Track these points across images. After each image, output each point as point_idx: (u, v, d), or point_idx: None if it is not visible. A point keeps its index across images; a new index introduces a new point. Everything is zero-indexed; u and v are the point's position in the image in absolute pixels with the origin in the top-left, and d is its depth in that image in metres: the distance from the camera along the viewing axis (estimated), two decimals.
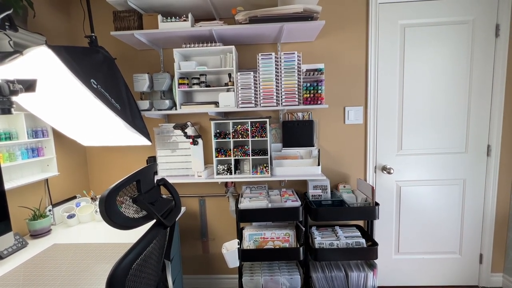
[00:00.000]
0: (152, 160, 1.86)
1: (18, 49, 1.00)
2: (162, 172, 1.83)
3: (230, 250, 1.71)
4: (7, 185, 1.33)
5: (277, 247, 1.70)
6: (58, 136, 1.66)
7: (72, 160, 1.86)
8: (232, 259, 1.70)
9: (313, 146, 1.87)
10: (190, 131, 1.74)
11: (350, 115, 1.91)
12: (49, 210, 1.60)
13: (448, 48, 1.83)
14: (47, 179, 1.64)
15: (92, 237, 1.45)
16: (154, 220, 0.90)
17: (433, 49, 1.83)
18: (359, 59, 1.87)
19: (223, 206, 2.04)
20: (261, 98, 1.63)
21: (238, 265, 1.71)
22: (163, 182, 1.04)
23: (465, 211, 1.98)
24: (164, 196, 1.04)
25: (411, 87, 1.88)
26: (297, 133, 1.86)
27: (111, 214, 0.75)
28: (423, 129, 1.91)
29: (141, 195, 0.86)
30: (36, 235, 1.45)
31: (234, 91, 1.65)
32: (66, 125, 1.55)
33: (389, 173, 1.93)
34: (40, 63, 1.08)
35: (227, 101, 1.65)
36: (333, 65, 1.87)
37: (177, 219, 1.64)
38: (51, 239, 1.44)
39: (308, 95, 1.62)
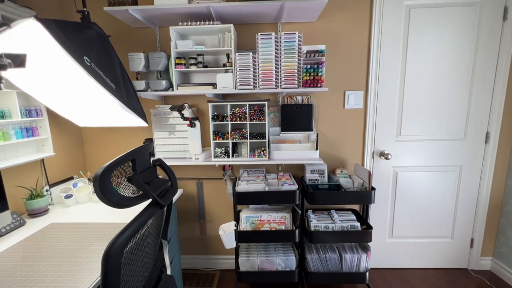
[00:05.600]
0: (149, 142, 1.84)
1: (6, 22, 0.96)
2: (159, 154, 1.82)
3: (227, 232, 1.74)
4: (2, 164, 1.32)
5: (273, 229, 1.73)
6: (53, 116, 1.63)
7: (68, 140, 1.84)
8: (228, 240, 1.73)
9: (312, 130, 1.85)
10: (187, 113, 1.72)
11: (350, 99, 1.89)
12: (46, 190, 1.60)
13: (453, 31, 1.77)
14: (43, 159, 1.63)
15: (90, 217, 1.46)
16: (150, 200, 0.90)
17: (438, 31, 1.77)
18: (362, 41, 1.81)
19: (220, 189, 2.05)
20: (260, 80, 1.59)
21: (234, 246, 1.74)
22: (159, 162, 1.03)
23: (459, 197, 2.00)
24: (160, 176, 1.04)
25: (414, 71, 1.84)
26: (296, 117, 1.84)
27: (106, 192, 0.74)
28: (423, 114, 1.90)
29: (136, 174, 0.85)
30: (33, 214, 1.46)
31: (232, 72, 1.61)
32: (60, 104, 1.52)
33: (386, 158, 1.93)
34: (29, 37, 1.03)
35: (225, 82, 1.61)
36: (334, 48, 1.82)
37: (174, 200, 1.66)
38: (49, 218, 1.45)
39: (308, 78, 1.58)
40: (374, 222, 2.06)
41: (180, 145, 1.82)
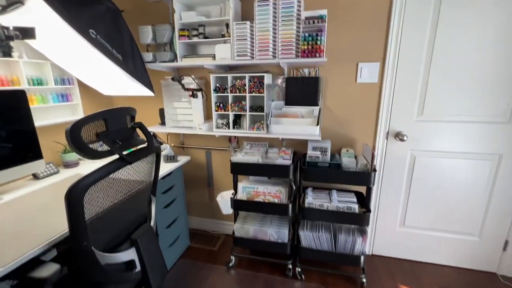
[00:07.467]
0: (161, 112, 2.02)
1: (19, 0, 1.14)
2: (169, 122, 1.98)
3: (224, 198, 1.85)
4: (43, 122, 1.64)
5: (267, 201, 1.77)
6: (84, 85, 1.89)
7: (98, 106, 2.13)
8: (225, 207, 1.85)
9: (317, 105, 1.76)
10: (190, 84, 1.80)
11: (363, 72, 1.70)
12: None
13: None
14: None
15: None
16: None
17: None
18: (381, 3, 1.58)
19: (227, 159, 2.15)
20: (257, 50, 1.56)
21: (230, 212, 1.85)
22: (138, 125, 1.15)
23: (494, 190, 1.69)
24: (140, 138, 1.16)
25: (446, 39, 1.54)
26: (301, 91, 1.76)
27: (77, 144, 0.88)
28: (454, 92, 1.61)
29: (106, 132, 0.97)
30: (67, 165, 1.78)
31: (230, 43, 1.60)
32: (84, 74, 1.76)
33: (402, 140, 1.73)
34: (39, 12, 1.21)
35: (223, 53, 1.62)
36: (347, 13, 1.63)
37: (180, 165, 1.80)
38: (77, 169, 1.76)
39: (306, 47, 1.48)
40: (383, 208, 1.92)
41: (187, 115, 1.94)
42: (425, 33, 1.57)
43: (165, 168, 1.74)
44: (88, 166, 1.82)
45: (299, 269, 1.81)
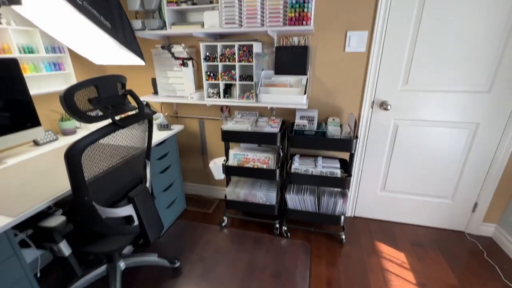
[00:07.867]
0: (154, 81, 2.05)
1: None
2: (162, 92, 2.02)
3: (216, 164, 1.96)
4: (37, 91, 1.67)
5: (256, 167, 1.88)
6: (76, 55, 1.90)
7: (91, 76, 2.15)
8: (217, 172, 1.97)
9: (306, 74, 1.79)
10: (180, 53, 1.81)
11: (351, 41, 1.71)
12: None
13: None
14: None
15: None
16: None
17: None
18: None
19: (219, 128, 2.23)
20: (245, 17, 1.55)
21: (222, 177, 1.98)
22: (129, 92, 1.21)
23: (469, 158, 1.81)
24: (131, 104, 1.23)
25: (433, 11, 1.53)
26: (290, 60, 1.79)
27: (70, 108, 0.95)
28: (439, 62, 1.64)
29: (98, 98, 1.04)
30: (65, 133, 1.86)
31: (218, 9, 1.59)
32: (76, 42, 1.76)
33: (385, 109, 1.80)
34: None
35: (212, 21, 1.62)
36: None
37: (173, 133, 1.89)
38: (75, 137, 1.84)
39: (293, 14, 1.48)
40: (366, 173, 2.04)
41: (179, 84, 1.98)
42: (413, 4, 1.56)
43: (159, 136, 1.82)
44: (85, 133, 1.90)
45: (286, 228, 1.98)
